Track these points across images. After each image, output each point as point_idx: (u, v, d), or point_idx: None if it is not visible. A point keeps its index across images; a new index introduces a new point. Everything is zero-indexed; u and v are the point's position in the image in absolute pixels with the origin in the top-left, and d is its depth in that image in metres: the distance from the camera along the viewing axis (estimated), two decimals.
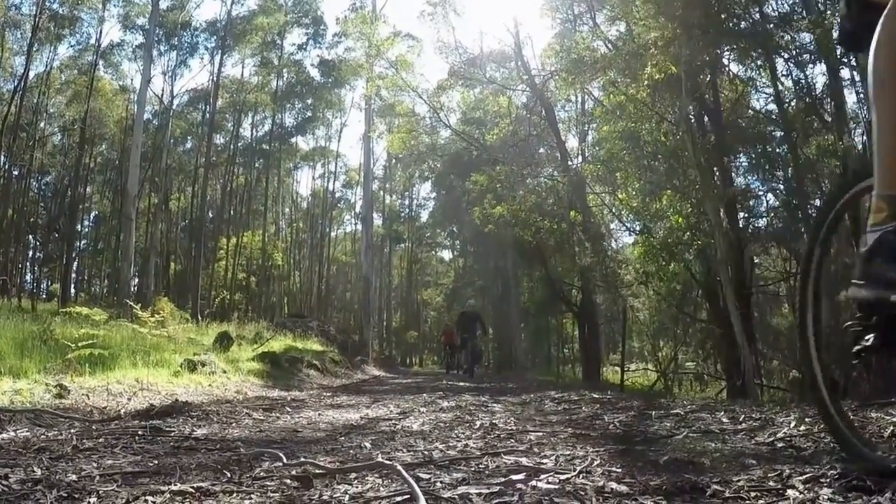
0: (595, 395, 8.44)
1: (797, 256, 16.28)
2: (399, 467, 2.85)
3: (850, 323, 2.13)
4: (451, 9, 26.98)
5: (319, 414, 6.31)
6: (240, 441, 4.22)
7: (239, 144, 50.05)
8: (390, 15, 74.28)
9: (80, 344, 7.42)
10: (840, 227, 3.15)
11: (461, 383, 14.58)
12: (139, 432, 4.43)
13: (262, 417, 5.81)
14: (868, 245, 1.94)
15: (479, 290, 44.97)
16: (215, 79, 42.88)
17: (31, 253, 48.25)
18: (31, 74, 36.85)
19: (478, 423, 5.18)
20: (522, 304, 35.55)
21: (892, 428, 3.56)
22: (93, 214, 51.58)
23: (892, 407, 4.32)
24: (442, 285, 57.50)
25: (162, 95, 42.51)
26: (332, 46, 48.41)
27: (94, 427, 4.72)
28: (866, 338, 2.04)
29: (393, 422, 5.50)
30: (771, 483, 2.56)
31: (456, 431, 4.70)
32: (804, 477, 2.56)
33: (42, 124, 41.51)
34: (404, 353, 54.65)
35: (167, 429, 4.65)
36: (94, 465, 3.23)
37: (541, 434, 4.50)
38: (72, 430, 4.49)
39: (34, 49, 35.71)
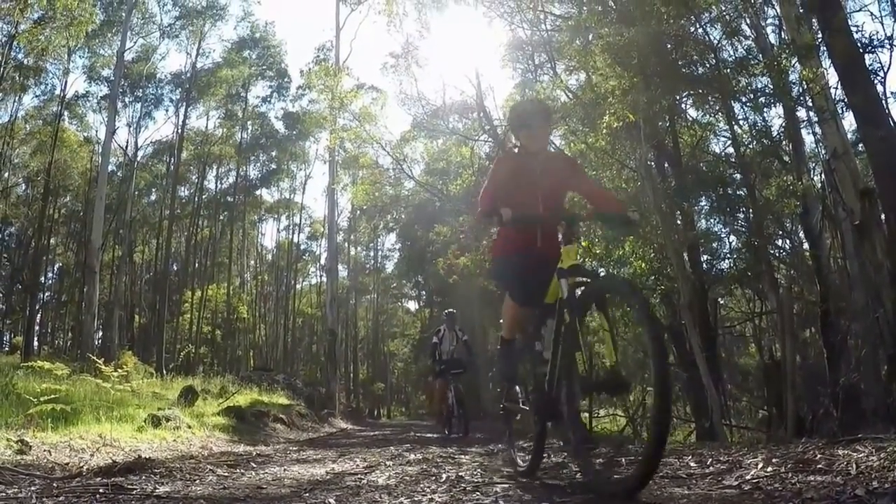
0: (563, 443, 8.44)
1: (761, 296, 16.43)
2: None
3: None
4: (414, 61, 27.12)
5: (285, 469, 6.24)
6: (203, 499, 4.16)
7: (203, 197, 49.87)
8: (354, 67, 74.71)
9: (42, 399, 7.29)
10: None
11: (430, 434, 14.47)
12: (100, 490, 4.36)
13: (226, 474, 5.74)
14: None
15: None
16: (180, 131, 42.69)
17: None
18: None
19: (444, 475, 5.16)
20: (489, 354, 35.40)
21: (857, 465, 3.59)
22: (56, 266, 51.05)
23: (859, 443, 4.36)
24: (409, 336, 57.29)
25: (126, 147, 42.28)
26: (297, 99, 48.53)
27: (55, 484, 4.63)
28: None
29: (359, 476, 5.46)
30: None
31: (422, 485, 4.67)
32: None
33: (6, 175, 41.17)
34: (372, 405, 54.12)
35: (129, 486, 4.58)
36: None
37: (507, 486, 4.49)
38: (32, 488, 4.41)
39: None
